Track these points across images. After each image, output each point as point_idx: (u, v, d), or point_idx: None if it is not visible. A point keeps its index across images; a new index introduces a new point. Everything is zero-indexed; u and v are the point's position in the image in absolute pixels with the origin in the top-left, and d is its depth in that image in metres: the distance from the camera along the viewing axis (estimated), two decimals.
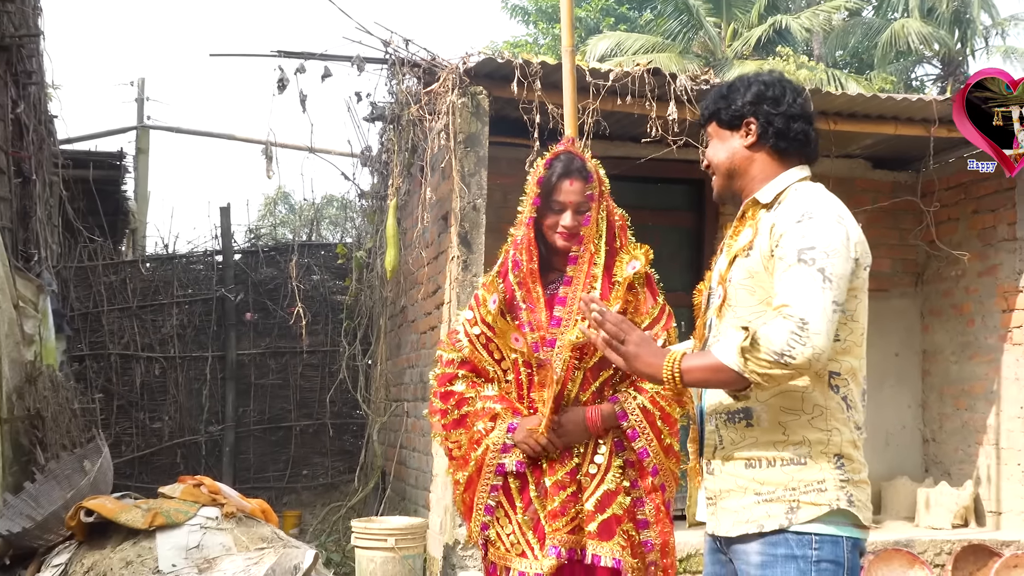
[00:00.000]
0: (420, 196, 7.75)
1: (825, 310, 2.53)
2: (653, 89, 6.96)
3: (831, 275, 2.57)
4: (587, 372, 3.40)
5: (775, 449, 2.69)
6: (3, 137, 7.85)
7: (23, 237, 8.40)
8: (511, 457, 3.39)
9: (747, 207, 2.86)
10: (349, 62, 7.48)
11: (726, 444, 2.76)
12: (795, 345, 2.49)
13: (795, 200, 2.74)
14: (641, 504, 3.38)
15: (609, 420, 3.36)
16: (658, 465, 3.37)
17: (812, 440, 2.67)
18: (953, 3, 24.30)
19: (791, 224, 2.66)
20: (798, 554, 2.63)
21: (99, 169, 10.89)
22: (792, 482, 2.65)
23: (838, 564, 2.64)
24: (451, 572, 6.66)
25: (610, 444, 3.37)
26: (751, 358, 2.53)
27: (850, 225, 2.70)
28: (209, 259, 11.13)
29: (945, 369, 8.69)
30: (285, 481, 10.77)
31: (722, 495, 2.76)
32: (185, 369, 10.69)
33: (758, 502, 2.68)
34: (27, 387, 7.34)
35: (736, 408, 2.73)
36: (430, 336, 7.71)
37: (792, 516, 2.64)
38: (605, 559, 3.29)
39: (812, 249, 2.60)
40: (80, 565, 5.77)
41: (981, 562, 7.27)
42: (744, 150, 2.87)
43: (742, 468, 2.72)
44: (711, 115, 2.93)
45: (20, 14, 8.05)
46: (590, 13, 26.93)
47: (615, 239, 3.51)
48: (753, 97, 2.84)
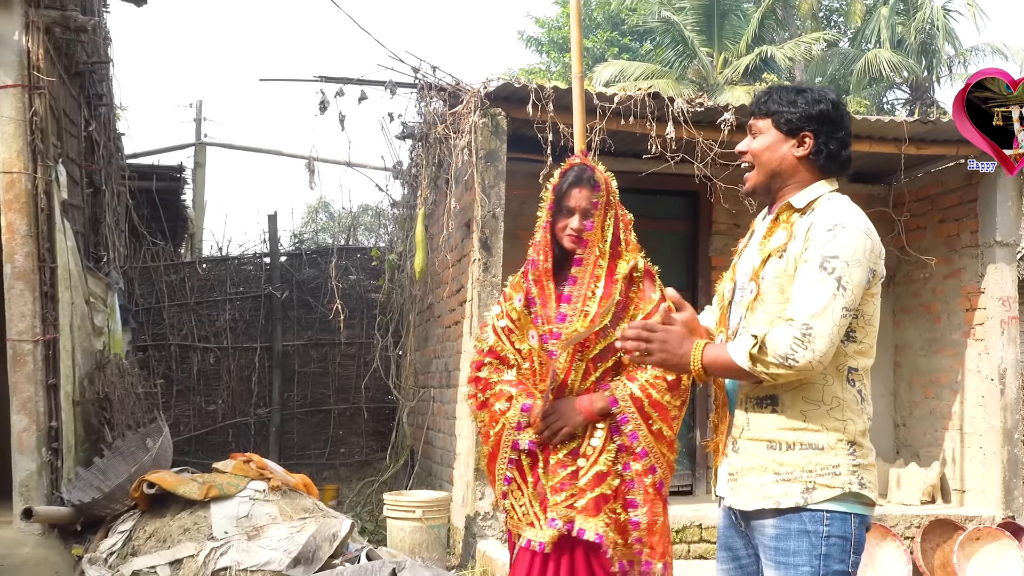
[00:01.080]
0: (445, 205, 7.74)
1: (833, 317, 2.53)
2: (653, 111, 6.93)
3: (847, 283, 2.55)
4: (588, 363, 3.36)
5: (795, 434, 2.66)
6: (77, 152, 7.87)
7: (94, 240, 8.42)
8: (524, 435, 3.37)
9: (781, 210, 2.78)
10: (383, 86, 7.47)
11: (752, 426, 2.72)
12: (798, 350, 2.52)
13: (828, 209, 2.68)
14: (631, 485, 3.31)
15: (601, 406, 3.31)
16: (647, 448, 3.30)
17: (829, 428, 2.64)
18: (920, 36, 24.21)
19: (822, 231, 2.62)
20: (810, 529, 2.61)
21: (161, 180, 10.91)
22: (809, 465, 2.63)
23: (846, 539, 2.62)
24: (472, 540, 6.64)
25: (607, 429, 3.32)
26: (759, 361, 2.55)
27: (875, 238, 2.66)
28: (258, 261, 11.13)
29: (914, 361, 8.63)
30: (324, 458, 10.76)
31: (743, 472, 2.72)
32: (236, 358, 10.70)
33: (776, 481, 2.65)
34: (97, 373, 7.35)
35: (764, 395, 2.70)
36: (454, 330, 7.69)
37: (808, 496, 2.62)
38: (588, 533, 3.24)
39: (835, 258, 2.57)
40: (143, 531, 5.77)
41: (947, 535, 7.22)
42: (793, 158, 2.77)
43: (764, 449, 2.69)
44: (770, 113, 2.79)
45: (92, 43, 8.06)
46: (596, 43, 26.89)
47: (619, 243, 3.47)
48: (818, 114, 2.74)
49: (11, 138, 6.21)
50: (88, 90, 8.25)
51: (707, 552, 6.73)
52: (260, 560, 5.42)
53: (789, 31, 25.68)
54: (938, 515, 7.35)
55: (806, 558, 2.61)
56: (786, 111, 2.76)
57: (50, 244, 6.40)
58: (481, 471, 6.66)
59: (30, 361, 6.21)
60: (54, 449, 6.30)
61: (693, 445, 8.13)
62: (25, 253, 6.24)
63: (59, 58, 7.00)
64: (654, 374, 3.28)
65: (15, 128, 6.22)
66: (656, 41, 26.57)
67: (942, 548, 7.19)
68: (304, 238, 13.43)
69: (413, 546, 6.57)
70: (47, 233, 6.38)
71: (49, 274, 6.36)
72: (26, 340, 6.21)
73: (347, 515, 6.80)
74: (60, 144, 6.94)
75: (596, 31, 27.28)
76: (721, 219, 8.35)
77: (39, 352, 6.25)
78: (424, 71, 7.38)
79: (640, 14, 27.01)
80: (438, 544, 6.69)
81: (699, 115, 7.02)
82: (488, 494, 6.63)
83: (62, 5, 6.66)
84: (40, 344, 6.25)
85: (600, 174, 3.48)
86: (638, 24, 27.46)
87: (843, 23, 28.02)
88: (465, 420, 7.06)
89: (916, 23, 24.17)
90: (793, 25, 26.05)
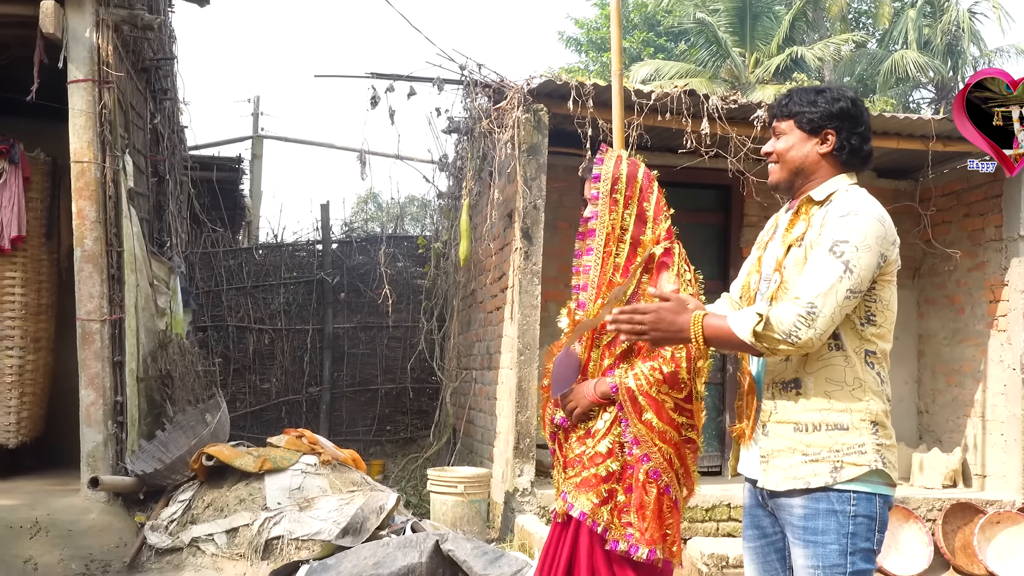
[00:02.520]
0: (489, 197, 7.71)
1: (836, 297, 2.53)
2: (689, 108, 6.87)
3: (854, 267, 2.54)
4: (603, 348, 3.35)
5: (821, 415, 2.64)
6: (143, 143, 7.92)
7: (158, 227, 8.49)
8: (558, 411, 3.39)
9: (802, 203, 2.77)
10: (431, 83, 7.44)
11: (779, 410, 2.71)
12: (801, 327, 2.53)
13: (844, 199, 2.67)
14: (628, 470, 3.23)
15: (603, 391, 3.26)
16: (637, 437, 3.20)
17: (853, 409, 2.63)
18: (946, 37, 23.84)
19: (835, 218, 2.61)
20: (838, 509, 2.60)
21: (221, 171, 10.98)
22: (836, 444, 2.62)
23: (872, 518, 2.60)
24: (511, 515, 6.63)
25: (614, 414, 3.25)
26: (763, 338, 2.56)
27: (888, 226, 2.64)
28: (311, 247, 11.16)
29: (937, 351, 8.50)
30: (372, 435, 10.79)
31: (773, 454, 2.70)
32: (290, 339, 10.75)
33: (805, 461, 2.64)
34: (160, 352, 7.42)
35: (789, 379, 2.70)
36: (495, 315, 7.67)
37: (836, 475, 2.60)
38: (575, 509, 3.22)
39: (845, 242, 2.56)
40: (201, 501, 5.82)
41: (968, 518, 7.11)
42: (816, 156, 2.76)
43: (791, 431, 2.67)
44: (792, 115, 2.79)
45: (158, 41, 8.11)
46: (633, 44, 26.69)
47: (642, 232, 3.39)
48: (839, 112, 2.74)
49: (82, 129, 6.27)
50: (154, 85, 8.30)
51: (735, 530, 6.68)
52: (311, 530, 5.45)
53: (819, 32, 25.35)
54: (959, 499, 7.24)
55: (834, 536, 2.58)
56: (807, 111, 2.76)
57: (117, 230, 6.45)
58: (521, 449, 6.65)
59: (98, 339, 6.28)
60: (119, 422, 6.36)
61: (722, 428, 8.07)
62: (94, 238, 6.30)
63: (127, 54, 7.05)
64: (651, 365, 3.20)
65: (86, 120, 6.27)
66: (690, 41, 26.36)
67: (963, 530, 7.09)
68: (354, 226, 13.47)
69: (455, 519, 6.57)
70: (114, 219, 6.43)
71: (116, 258, 6.42)
72: (94, 320, 6.27)
73: (393, 489, 6.82)
74: (127, 135, 6.99)
75: (633, 32, 27.08)
76: (753, 212, 8.26)
77: (106, 331, 6.31)
78: (470, 69, 7.36)
79: (675, 16, 26.79)
80: (478, 518, 6.69)
81: (733, 112, 6.94)
82: (527, 471, 6.62)
83: (130, 4, 6.70)
84: (107, 323, 6.31)
85: (607, 164, 3.43)
86: (673, 25, 27.26)
87: (871, 25, 27.64)
88: (505, 401, 7.04)
89: (942, 25, 23.80)
90: (823, 26, 25.70)
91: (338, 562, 4.99)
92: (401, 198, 15.74)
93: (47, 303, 7.28)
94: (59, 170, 7.14)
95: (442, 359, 9.49)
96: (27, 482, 6.86)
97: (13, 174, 6.85)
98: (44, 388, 7.34)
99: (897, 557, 6.90)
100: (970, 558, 6.98)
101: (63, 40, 6.23)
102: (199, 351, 8.62)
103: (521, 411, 6.67)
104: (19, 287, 6.98)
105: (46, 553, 5.62)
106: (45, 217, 7.17)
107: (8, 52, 6.85)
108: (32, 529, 5.75)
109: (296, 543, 5.43)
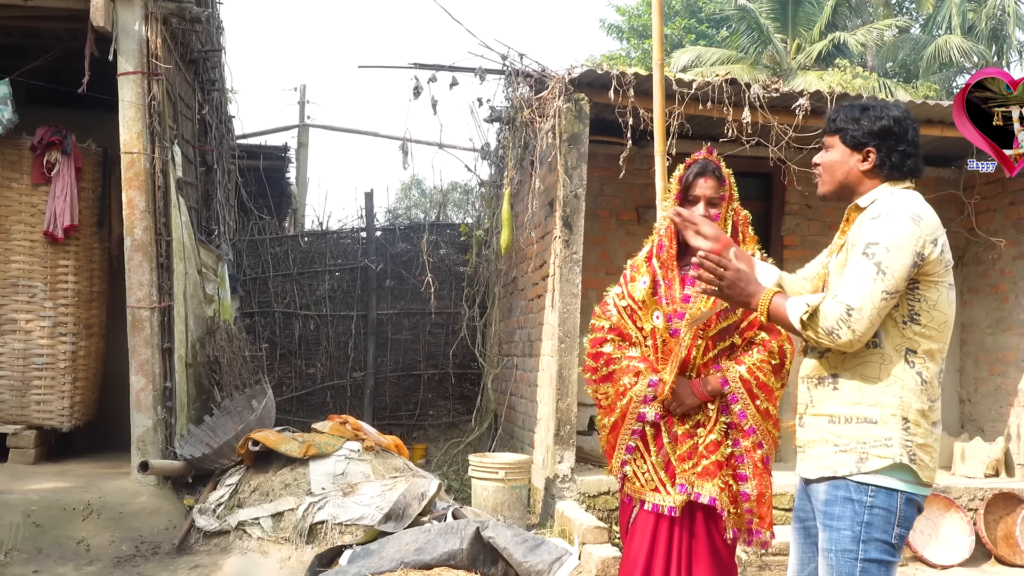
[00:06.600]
0: (530, 185, 7.67)
1: (873, 300, 2.59)
2: (730, 96, 6.77)
3: (886, 268, 2.60)
4: (708, 341, 3.42)
5: (853, 408, 2.71)
6: (191, 134, 7.97)
7: (206, 215, 8.54)
8: (651, 408, 3.42)
9: (849, 211, 2.85)
10: (473, 73, 7.41)
11: (815, 403, 2.80)
12: (841, 326, 2.61)
13: (881, 202, 2.74)
14: (741, 460, 3.37)
15: (712, 387, 3.37)
16: (755, 426, 3.36)
17: (884, 404, 2.68)
18: (991, 21, 23.37)
19: (868, 221, 2.70)
20: (855, 498, 2.67)
21: (268, 160, 11.05)
22: (863, 436, 2.68)
23: (890, 512, 2.67)
24: (551, 501, 6.60)
25: (718, 406, 3.38)
26: (809, 327, 2.66)
27: (923, 225, 2.66)
28: (355, 235, 11.19)
29: (980, 339, 8.34)
30: (414, 420, 10.82)
31: (809, 444, 2.81)
32: (335, 325, 10.80)
33: (835, 452, 2.72)
34: (208, 338, 7.47)
35: (826, 374, 2.78)
36: (536, 303, 7.64)
37: (860, 465, 2.67)
38: (703, 496, 3.33)
39: (876, 244, 2.63)
40: (248, 485, 5.85)
41: (1010, 508, 6.98)
42: (859, 171, 2.82)
43: (825, 423, 2.76)
44: (837, 130, 2.85)
45: (206, 33, 8.14)
46: (674, 31, 26.45)
47: (738, 234, 3.52)
48: (880, 130, 2.78)
49: (131, 121, 6.31)
50: (202, 76, 8.34)
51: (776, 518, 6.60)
52: (354, 515, 5.46)
53: (862, 17, 24.95)
54: (1002, 488, 7.10)
55: (848, 523, 2.66)
56: (851, 128, 2.81)
57: (166, 219, 6.49)
58: (561, 436, 6.61)
59: (147, 326, 6.33)
60: (168, 407, 6.42)
61: None
62: (143, 227, 6.34)
63: (175, 46, 7.08)
64: (760, 357, 3.37)
65: (135, 112, 6.31)
66: (732, 28, 26.06)
67: (1005, 520, 6.96)
68: (398, 214, 13.50)
69: (496, 505, 6.56)
70: (163, 208, 6.47)
71: (165, 246, 6.46)
72: (144, 307, 6.32)
73: (434, 474, 6.81)
74: (176, 126, 7.02)
75: (674, 19, 26.83)
76: (794, 200, 8.15)
77: (155, 318, 6.36)
78: (512, 58, 7.31)
79: (717, 2, 26.50)
80: (519, 504, 6.67)
81: (774, 100, 6.83)
82: (567, 458, 6.58)
83: None
84: (156, 311, 6.36)
85: (724, 169, 3.54)
86: (715, 12, 26.97)
87: (915, 9, 27.16)
88: (546, 388, 7.01)
89: (987, 9, 23.31)
90: (865, 11, 25.29)
91: (381, 547, 5.00)
92: (444, 186, 15.69)
93: (99, 291, 7.36)
94: (110, 160, 7.20)
95: (483, 345, 9.48)
96: (79, 465, 6.96)
97: (66, 165, 6.92)
98: (96, 374, 7.42)
99: (938, 546, 6.79)
100: (1012, 548, 6.85)
101: (113, 33, 6.27)
102: (246, 337, 8.67)
103: (561, 398, 6.64)
104: (72, 275, 7.06)
105: (98, 534, 5.69)
106: (96, 207, 7.24)
107: (60, 45, 6.91)
108: (84, 511, 5.82)
109: (340, 528, 5.45)
